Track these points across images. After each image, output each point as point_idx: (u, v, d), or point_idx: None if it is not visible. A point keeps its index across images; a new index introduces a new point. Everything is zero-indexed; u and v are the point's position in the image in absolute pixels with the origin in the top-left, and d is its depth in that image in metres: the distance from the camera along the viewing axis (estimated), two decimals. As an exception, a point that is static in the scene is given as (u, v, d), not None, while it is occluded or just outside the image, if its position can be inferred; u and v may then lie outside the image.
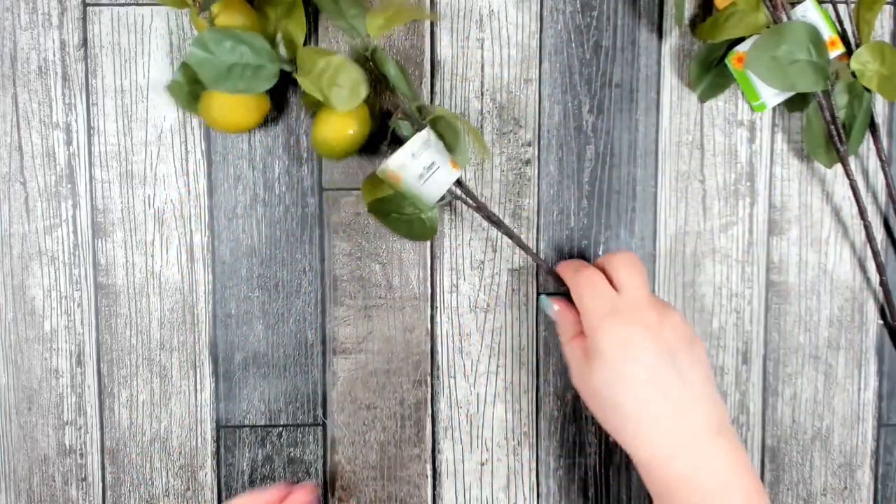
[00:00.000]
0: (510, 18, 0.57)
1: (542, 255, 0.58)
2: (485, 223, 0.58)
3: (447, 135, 0.51)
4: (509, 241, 0.58)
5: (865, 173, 0.59)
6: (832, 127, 0.55)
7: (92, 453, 0.58)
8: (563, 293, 0.55)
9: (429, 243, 0.58)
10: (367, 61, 0.53)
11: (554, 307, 0.54)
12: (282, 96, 0.56)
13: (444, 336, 0.58)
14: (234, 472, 0.58)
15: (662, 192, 0.58)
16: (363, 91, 0.49)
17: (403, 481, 0.59)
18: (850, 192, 0.58)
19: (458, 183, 0.54)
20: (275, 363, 0.58)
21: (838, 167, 0.59)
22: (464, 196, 0.54)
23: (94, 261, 0.57)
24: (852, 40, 0.54)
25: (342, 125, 0.51)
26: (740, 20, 0.54)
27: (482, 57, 0.57)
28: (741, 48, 0.56)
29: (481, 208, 0.54)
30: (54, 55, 0.56)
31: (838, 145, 0.55)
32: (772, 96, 0.56)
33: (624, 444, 0.48)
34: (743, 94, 0.58)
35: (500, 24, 0.57)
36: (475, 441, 0.59)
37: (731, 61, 0.56)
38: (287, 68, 0.50)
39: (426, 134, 0.51)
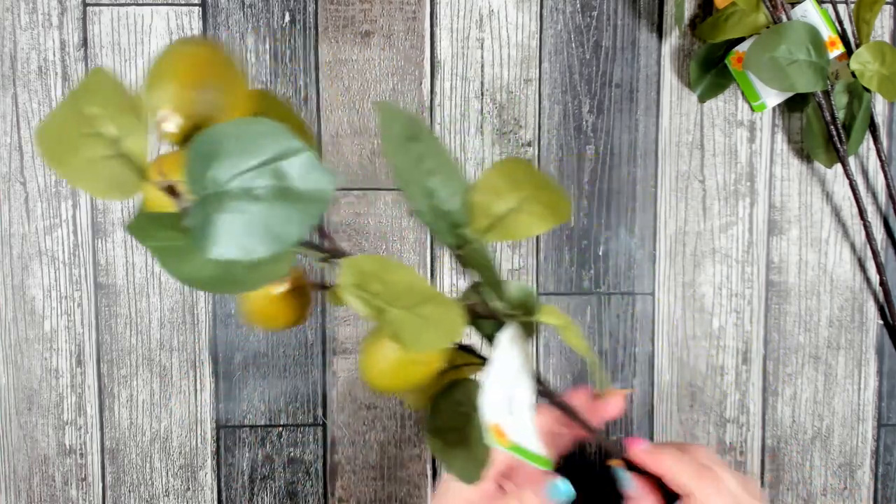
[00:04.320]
0: (510, 18, 0.57)
1: (542, 255, 0.58)
2: (485, 223, 0.58)
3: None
4: (508, 241, 0.58)
5: (865, 173, 0.59)
6: (832, 127, 0.55)
7: (92, 453, 0.58)
8: (631, 465, 0.44)
9: (428, 244, 0.58)
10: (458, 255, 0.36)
11: (633, 484, 0.43)
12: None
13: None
14: (234, 472, 0.58)
15: (662, 192, 0.58)
16: (458, 334, 0.32)
17: (403, 481, 0.59)
18: (850, 192, 0.58)
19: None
20: (275, 363, 0.58)
21: (838, 167, 0.59)
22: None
23: (94, 261, 0.57)
24: (852, 40, 0.54)
25: (409, 360, 0.34)
26: (740, 20, 0.54)
27: (482, 57, 0.57)
28: (741, 48, 0.56)
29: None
30: (54, 55, 0.56)
31: (838, 145, 0.55)
32: (772, 96, 0.56)
33: None
34: (743, 94, 0.58)
35: (500, 24, 0.57)
36: (475, 441, 0.59)
37: (731, 61, 0.56)
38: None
39: (507, 333, 0.36)
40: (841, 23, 0.55)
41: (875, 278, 0.59)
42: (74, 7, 0.56)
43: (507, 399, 0.34)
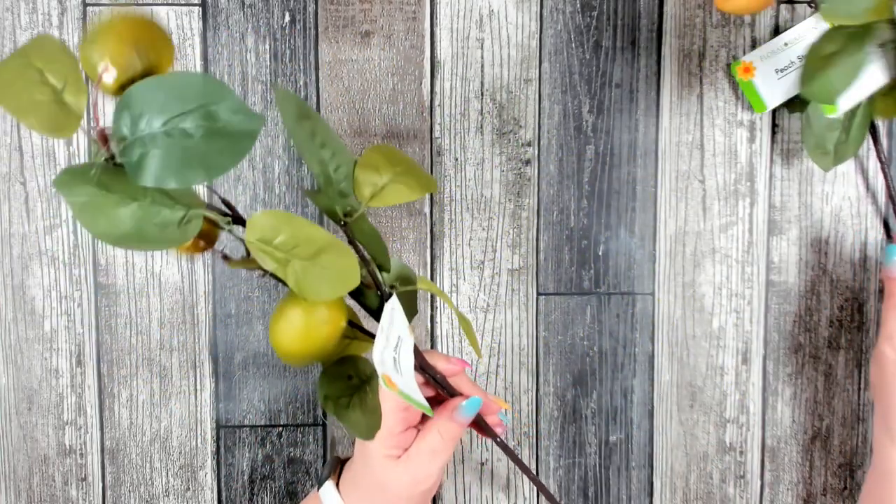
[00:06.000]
0: (510, 18, 0.57)
1: (542, 255, 0.58)
2: (484, 223, 0.58)
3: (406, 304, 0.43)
4: (508, 241, 0.58)
5: (865, 174, 0.59)
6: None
7: (92, 453, 0.58)
8: None
9: (429, 244, 0.58)
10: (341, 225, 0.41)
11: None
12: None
13: (444, 336, 0.58)
14: (234, 472, 0.58)
15: (662, 192, 0.58)
16: (356, 279, 0.37)
17: (403, 481, 0.59)
18: (850, 192, 0.58)
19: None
20: (275, 363, 0.58)
21: (838, 167, 0.58)
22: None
23: (94, 261, 0.57)
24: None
25: (316, 321, 0.38)
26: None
27: (482, 57, 0.57)
28: (747, 58, 0.55)
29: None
30: (54, 55, 0.56)
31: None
32: (776, 102, 0.56)
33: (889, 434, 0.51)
34: (749, 104, 0.57)
35: (500, 24, 0.57)
36: (475, 441, 0.59)
37: (738, 71, 0.56)
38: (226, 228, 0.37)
39: (393, 303, 0.41)
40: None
41: (875, 278, 0.59)
42: (74, 7, 0.56)
43: (393, 361, 0.39)
